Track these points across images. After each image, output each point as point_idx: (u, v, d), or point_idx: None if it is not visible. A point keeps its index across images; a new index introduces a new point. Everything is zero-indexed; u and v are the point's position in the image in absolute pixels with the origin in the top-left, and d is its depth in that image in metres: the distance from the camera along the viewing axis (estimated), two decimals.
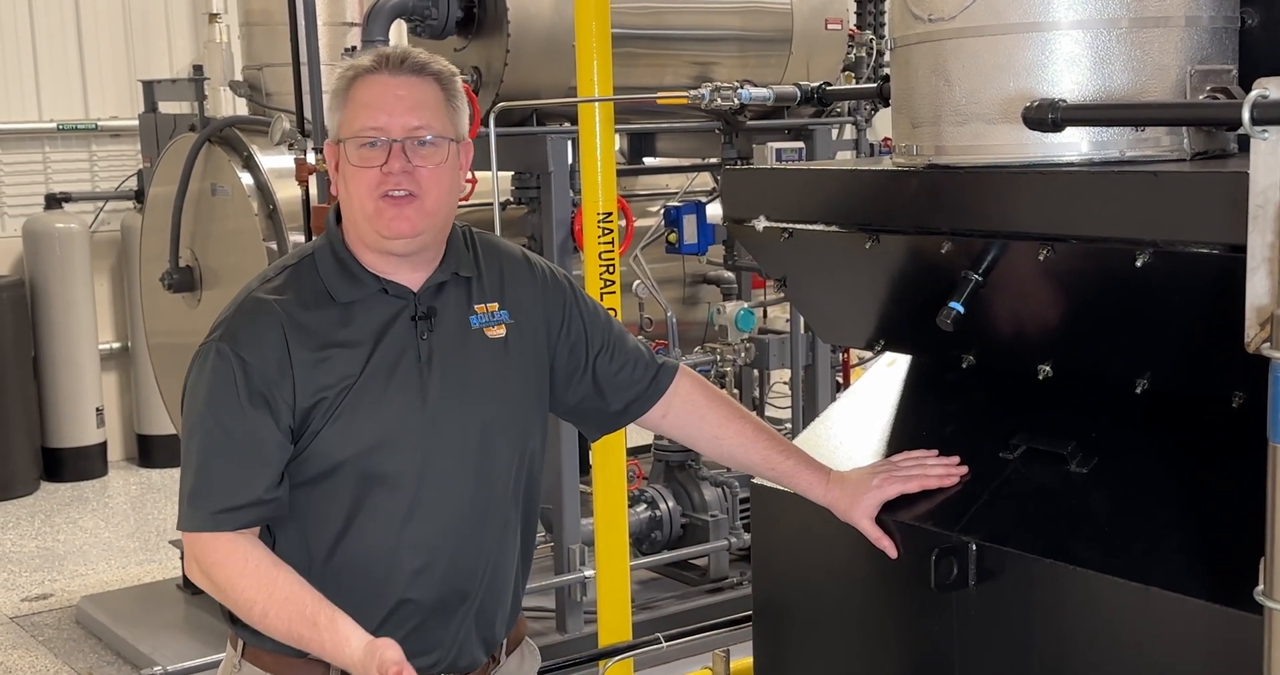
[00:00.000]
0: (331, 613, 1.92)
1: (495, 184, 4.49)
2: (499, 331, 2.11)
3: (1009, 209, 1.99)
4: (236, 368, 1.97)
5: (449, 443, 2.04)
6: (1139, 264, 1.80)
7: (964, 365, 2.24)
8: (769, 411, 6.37)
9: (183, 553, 5.64)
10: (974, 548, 2.03)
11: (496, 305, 2.12)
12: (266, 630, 1.96)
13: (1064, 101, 1.88)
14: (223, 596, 1.99)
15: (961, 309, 2.02)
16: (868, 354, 5.00)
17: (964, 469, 2.16)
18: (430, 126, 2.00)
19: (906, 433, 2.36)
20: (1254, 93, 1.58)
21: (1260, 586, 1.59)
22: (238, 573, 1.95)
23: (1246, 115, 1.57)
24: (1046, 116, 1.86)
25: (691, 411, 2.29)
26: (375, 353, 2.01)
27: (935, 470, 2.16)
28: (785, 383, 6.24)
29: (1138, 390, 1.97)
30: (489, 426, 2.07)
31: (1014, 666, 2.01)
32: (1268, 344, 1.55)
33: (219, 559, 1.96)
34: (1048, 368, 2.08)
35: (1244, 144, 1.92)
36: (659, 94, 4.72)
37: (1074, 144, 1.98)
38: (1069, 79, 1.96)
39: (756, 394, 6.05)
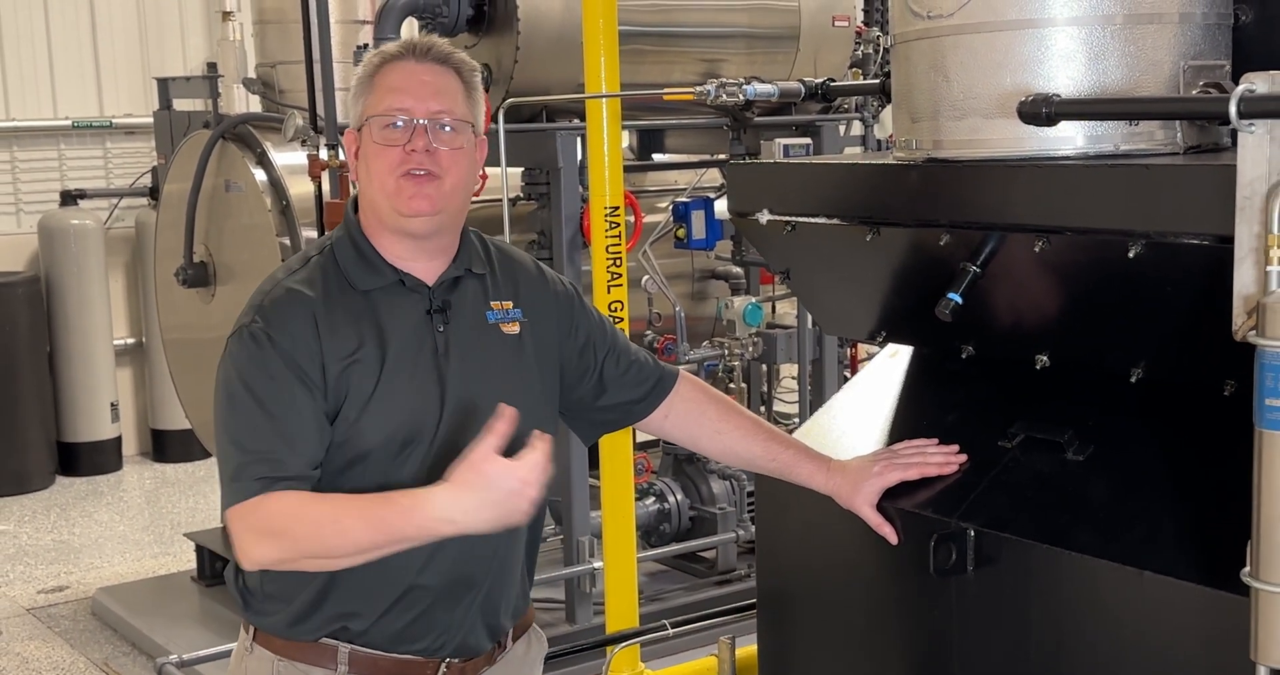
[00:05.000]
0: (401, 491, 1.92)
1: (505, 180, 4.53)
2: (514, 328, 2.17)
3: (1005, 202, 2.03)
4: (273, 350, 2.00)
5: (469, 435, 2.04)
6: (1131, 255, 1.83)
7: (964, 356, 2.28)
8: (777, 406, 6.40)
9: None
10: (972, 534, 2.06)
11: (511, 303, 2.18)
12: (344, 539, 1.91)
13: (1058, 96, 1.92)
14: (292, 539, 1.93)
15: (960, 300, 2.06)
16: (877, 349, 5.04)
17: (963, 457, 2.19)
18: (452, 112, 2.07)
19: (908, 422, 2.39)
20: (1241, 87, 1.62)
21: (1247, 568, 1.63)
22: (298, 505, 1.93)
23: (1233, 109, 1.61)
24: (1040, 111, 1.90)
25: (693, 409, 2.34)
26: (396, 344, 2.05)
27: (935, 458, 2.20)
28: (794, 377, 6.28)
29: (1133, 379, 2.01)
30: None
31: (1012, 649, 2.04)
32: (1254, 332, 1.59)
33: (274, 509, 1.93)
34: (1045, 358, 2.12)
35: (1237, 138, 1.96)
36: (666, 90, 4.76)
37: (1069, 138, 2.02)
38: (1064, 74, 2.00)
39: (764, 388, 6.08)
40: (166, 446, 8.17)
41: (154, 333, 7.42)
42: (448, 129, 2.06)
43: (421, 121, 2.04)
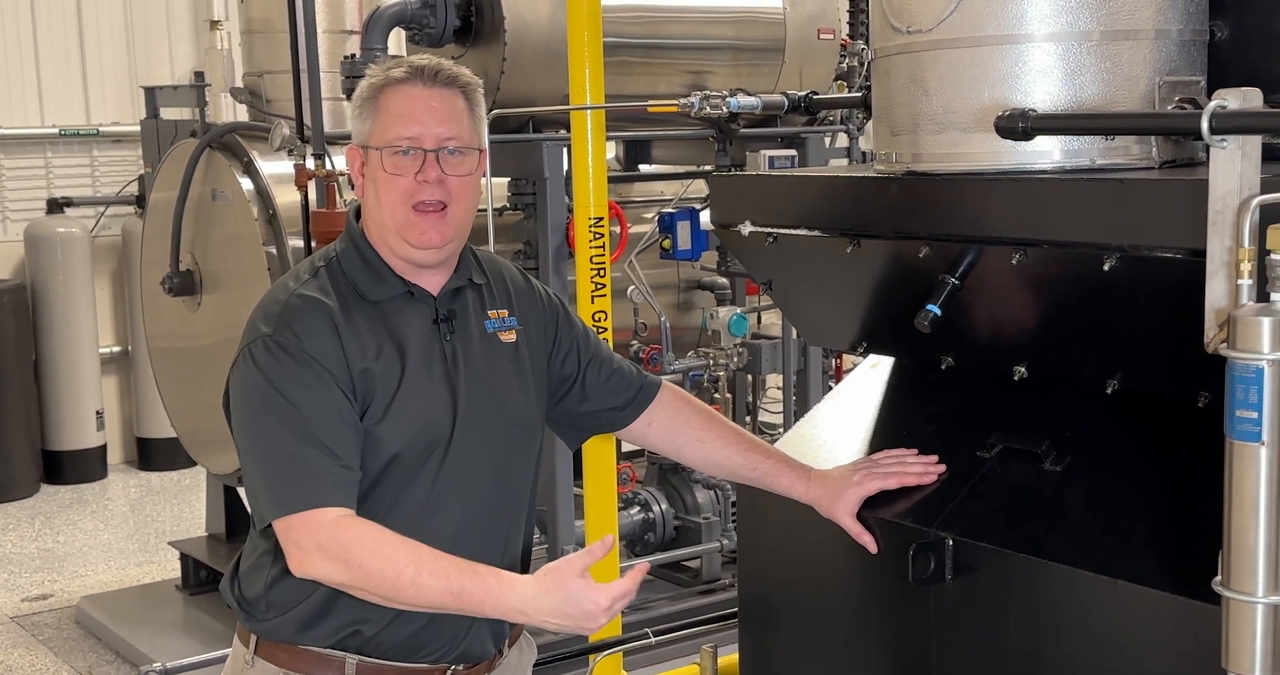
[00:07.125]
0: (486, 567, 1.96)
1: (490, 190, 4.54)
2: (511, 336, 2.21)
3: (983, 215, 2.05)
4: (302, 354, 2.00)
5: (477, 440, 2.11)
6: (1107, 268, 1.86)
7: (943, 367, 2.30)
8: (762, 416, 6.42)
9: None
10: (951, 543, 2.09)
11: (507, 312, 2.22)
12: (416, 593, 1.93)
13: (1034, 111, 1.94)
14: (364, 574, 1.94)
15: (938, 311, 2.08)
16: (862, 359, 5.06)
17: (942, 467, 2.22)
18: (459, 137, 2.09)
19: (888, 432, 2.42)
20: (1212, 103, 1.65)
21: (1218, 577, 1.66)
22: (379, 544, 1.93)
23: (1205, 125, 1.64)
24: (1017, 125, 1.92)
25: (675, 417, 2.38)
26: (410, 353, 2.08)
27: (914, 468, 2.22)
28: (779, 387, 6.30)
29: (1109, 391, 2.03)
30: (511, 425, 2.16)
31: (989, 657, 2.07)
32: (1225, 344, 1.62)
33: (353, 538, 1.94)
34: (1023, 369, 2.14)
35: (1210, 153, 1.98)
36: (650, 102, 4.79)
37: (1046, 152, 2.04)
38: (1041, 89, 2.03)
39: (750, 399, 6.10)
40: (152, 455, 8.16)
41: (140, 341, 7.42)
42: (457, 152, 2.08)
43: (431, 150, 2.06)
